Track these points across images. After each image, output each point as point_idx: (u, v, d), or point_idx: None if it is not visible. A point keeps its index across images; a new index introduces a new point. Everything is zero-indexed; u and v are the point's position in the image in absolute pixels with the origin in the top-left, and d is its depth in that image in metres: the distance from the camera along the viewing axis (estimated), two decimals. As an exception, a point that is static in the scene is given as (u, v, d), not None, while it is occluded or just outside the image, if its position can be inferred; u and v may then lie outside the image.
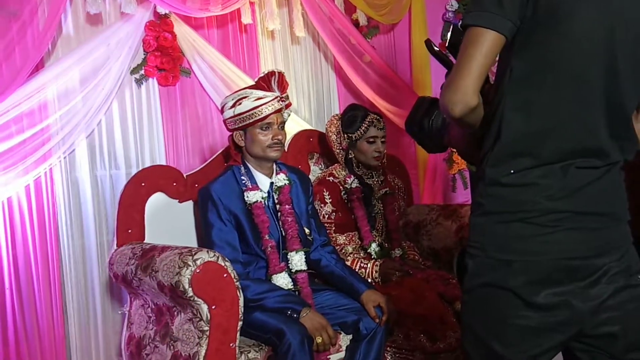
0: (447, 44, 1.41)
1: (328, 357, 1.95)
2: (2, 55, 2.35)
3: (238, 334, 1.81)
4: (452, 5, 4.10)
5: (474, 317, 1.23)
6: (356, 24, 3.53)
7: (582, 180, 1.14)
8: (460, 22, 1.21)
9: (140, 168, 2.58)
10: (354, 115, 2.40)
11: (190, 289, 1.71)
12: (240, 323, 1.81)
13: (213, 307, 1.75)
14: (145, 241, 2.18)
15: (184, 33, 2.90)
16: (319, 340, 1.87)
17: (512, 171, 1.15)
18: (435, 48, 1.50)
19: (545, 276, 1.13)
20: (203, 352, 1.73)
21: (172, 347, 1.83)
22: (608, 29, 1.13)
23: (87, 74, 2.67)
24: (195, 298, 1.72)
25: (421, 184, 4.09)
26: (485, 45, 1.11)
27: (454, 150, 1.16)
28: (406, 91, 3.91)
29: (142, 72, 2.87)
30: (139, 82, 2.88)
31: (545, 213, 1.13)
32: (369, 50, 3.65)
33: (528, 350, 1.16)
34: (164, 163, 2.92)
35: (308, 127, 3.20)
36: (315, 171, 2.68)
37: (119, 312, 2.57)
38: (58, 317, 2.68)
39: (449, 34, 1.42)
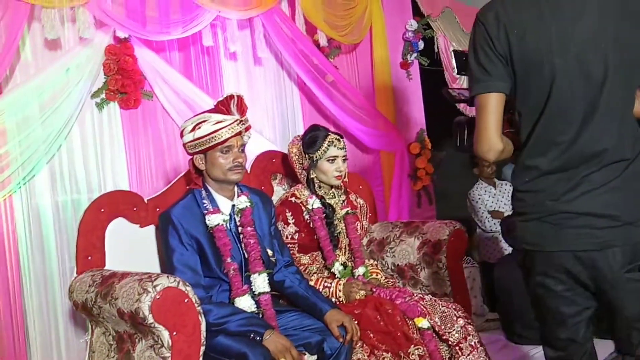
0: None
1: (293, 378, 1.95)
2: (-42, 82, 2.32)
3: (201, 359, 1.80)
4: (411, 25, 4.19)
5: (529, 290, 1.58)
6: (317, 44, 3.58)
7: (590, 184, 1.42)
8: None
9: (103, 192, 2.55)
10: (315, 136, 2.43)
11: (151, 315, 1.70)
12: (202, 348, 1.80)
13: (174, 333, 1.74)
14: (105, 267, 2.15)
15: (144, 56, 2.90)
16: (282, 362, 1.87)
17: (527, 180, 1.50)
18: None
19: (557, 264, 1.46)
20: (165, 379, 1.71)
21: (134, 375, 1.81)
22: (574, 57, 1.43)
23: (47, 99, 2.64)
24: (156, 324, 1.71)
25: (387, 201, 4.14)
26: (491, 105, 1.48)
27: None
28: (370, 109, 3.96)
29: (103, 95, 2.86)
30: (100, 106, 2.86)
31: (554, 213, 1.44)
32: (332, 70, 3.70)
33: (566, 315, 1.52)
34: (126, 187, 2.90)
35: (273, 147, 3.21)
36: (278, 191, 2.69)
37: (82, 341, 2.53)
38: (21, 346, 2.63)
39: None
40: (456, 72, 2.07)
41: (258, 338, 1.90)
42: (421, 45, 4.29)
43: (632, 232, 1.43)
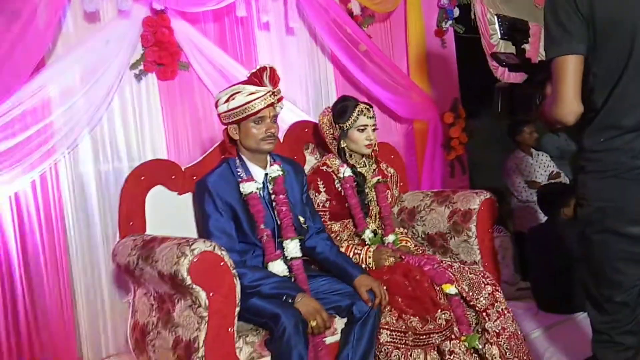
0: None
1: (323, 339, 2.02)
2: (4, 55, 2.42)
3: (236, 319, 1.89)
4: (446, -9, 4.13)
5: (589, 252, 1.63)
6: (350, 13, 3.57)
7: None
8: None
9: (142, 161, 2.64)
10: (345, 106, 2.47)
11: (189, 277, 1.79)
12: (237, 309, 1.89)
13: (211, 294, 1.82)
14: (146, 233, 2.26)
15: (180, 27, 2.96)
16: (313, 323, 1.94)
17: (602, 140, 1.55)
18: (502, 57, 2.02)
19: (635, 217, 1.53)
20: (203, 336, 1.81)
21: (173, 333, 1.92)
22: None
23: (88, 71, 2.74)
24: (194, 286, 1.80)
25: (419, 171, 4.15)
26: (571, 67, 1.52)
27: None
28: (403, 78, 3.96)
29: (141, 67, 2.94)
30: (138, 77, 2.95)
31: (630, 169, 1.51)
32: (365, 39, 3.69)
33: (629, 275, 1.58)
34: (165, 156, 3.00)
35: (305, 117, 3.25)
36: (310, 161, 2.75)
37: (125, 301, 2.66)
38: (67, 306, 2.78)
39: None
40: (499, 36, 2.08)
41: (290, 300, 1.97)
42: (456, 12, 4.23)
43: None
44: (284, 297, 1.99)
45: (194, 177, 2.33)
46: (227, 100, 2.15)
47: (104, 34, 2.74)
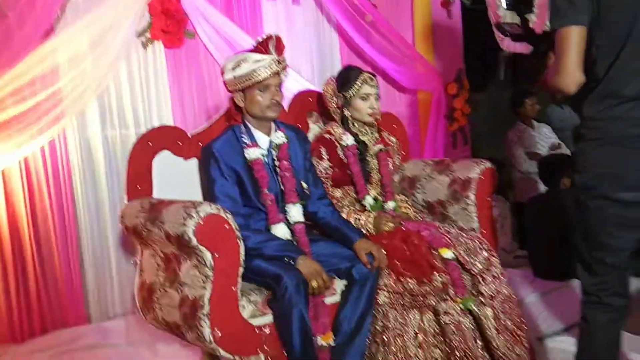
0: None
1: (323, 300, 2.10)
2: (14, 22, 2.46)
3: (239, 278, 1.96)
4: (453, -37, 4.12)
5: (583, 217, 1.70)
6: (356, -17, 3.57)
7: None
8: None
9: (149, 127, 2.69)
10: (348, 75, 2.51)
11: (195, 238, 1.85)
12: (241, 269, 1.96)
13: (216, 254, 1.89)
14: (153, 196, 2.33)
15: (187, -4, 2.99)
16: (314, 284, 2.01)
17: (602, 108, 1.61)
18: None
19: (630, 183, 1.59)
20: (208, 294, 1.89)
21: (180, 291, 2.00)
22: None
23: (96, 38, 2.78)
24: (199, 246, 1.87)
25: (422, 141, 4.20)
26: (574, 38, 1.57)
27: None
28: (408, 49, 3.98)
29: (148, 35, 2.98)
30: (145, 44, 3.00)
31: (629, 137, 1.57)
32: (371, 9, 3.71)
33: (620, 239, 1.65)
34: (171, 122, 3.06)
35: (311, 86, 3.29)
36: (314, 129, 2.80)
37: (131, 262, 2.75)
38: (75, 268, 2.88)
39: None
40: (504, 7, 2.11)
41: (292, 262, 2.04)
42: (463, -17, 4.23)
43: None
44: (286, 259, 2.06)
45: (200, 143, 2.38)
46: (233, 68, 2.19)
47: (112, 2, 2.78)
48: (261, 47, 2.22)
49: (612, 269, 1.69)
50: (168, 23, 3.00)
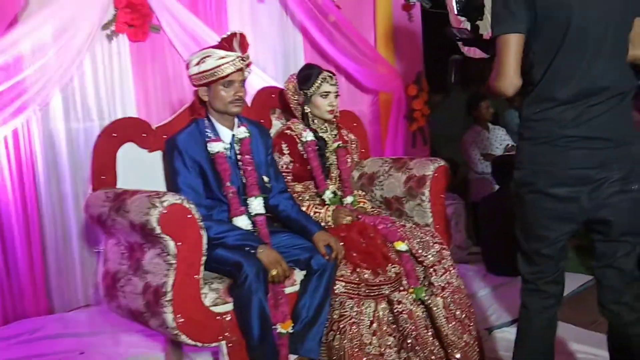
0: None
1: (283, 289, 2.18)
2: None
3: (202, 267, 2.03)
4: (415, -34, 4.25)
5: (521, 210, 1.82)
6: (320, -16, 3.65)
7: (591, 113, 1.66)
8: None
9: (112, 120, 2.73)
10: (309, 73, 2.59)
11: (159, 227, 1.91)
12: (203, 258, 2.03)
13: (179, 243, 1.95)
14: (117, 187, 2.37)
15: (153, -10, 3.02)
16: (273, 272, 2.09)
17: (538, 110, 1.72)
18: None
19: (561, 180, 1.70)
20: (170, 282, 1.94)
21: (143, 279, 2.05)
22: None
23: (60, 29, 2.79)
24: (163, 235, 1.92)
25: (383, 140, 4.32)
26: (513, 44, 1.68)
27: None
28: (370, 50, 4.09)
29: (113, 28, 3.00)
30: (110, 37, 3.02)
31: (560, 137, 1.68)
32: (334, 10, 3.80)
33: (554, 231, 1.77)
34: (135, 115, 3.09)
35: (274, 83, 3.35)
36: (276, 125, 2.87)
37: (95, 251, 2.78)
38: (38, 258, 2.88)
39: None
40: (455, 12, 2.24)
41: (252, 251, 2.11)
42: (423, -13, 4.35)
43: (625, 151, 1.69)
44: (247, 248, 2.13)
45: (164, 136, 2.42)
46: (198, 63, 2.25)
47: (77, -7, 2.79)
48: (225, 44, 2.27)
49: (548, 259, 1.82)
50: (133, 17, 3.02)
